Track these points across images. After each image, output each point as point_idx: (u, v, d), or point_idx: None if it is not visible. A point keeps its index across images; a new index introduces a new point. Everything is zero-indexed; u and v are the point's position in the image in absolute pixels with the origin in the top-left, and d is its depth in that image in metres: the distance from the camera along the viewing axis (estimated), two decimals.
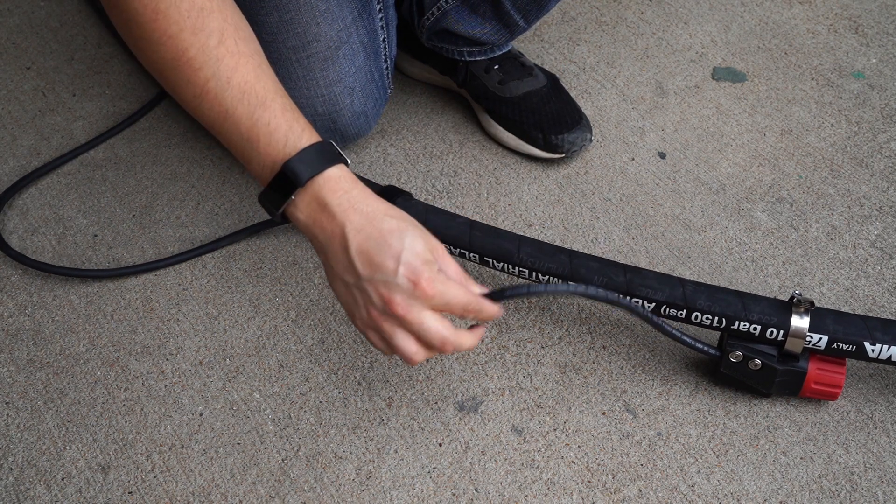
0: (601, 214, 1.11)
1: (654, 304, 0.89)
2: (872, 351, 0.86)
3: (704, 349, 0.89)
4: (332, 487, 0.89)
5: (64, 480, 0.90)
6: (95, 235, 1.11)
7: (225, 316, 1.03)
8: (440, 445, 0.92)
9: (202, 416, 0.94)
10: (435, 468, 0.90)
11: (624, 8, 1.38)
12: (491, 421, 0.93)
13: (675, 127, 1.21)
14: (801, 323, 0.86)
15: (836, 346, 0.86)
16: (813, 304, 0.87)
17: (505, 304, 1.02)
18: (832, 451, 0.90)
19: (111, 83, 1.29)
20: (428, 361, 0.97)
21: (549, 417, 0.93)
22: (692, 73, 1.28)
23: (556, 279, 0.92)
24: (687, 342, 0.88)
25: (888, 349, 0.86)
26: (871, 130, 1.19)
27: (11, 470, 0.91)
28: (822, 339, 0.86)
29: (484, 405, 0.94)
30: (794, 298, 0.88)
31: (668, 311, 0.89)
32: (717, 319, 0.88)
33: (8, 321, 1.03)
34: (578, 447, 0.91)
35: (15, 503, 0.88)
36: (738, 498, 0.87)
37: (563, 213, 1.12)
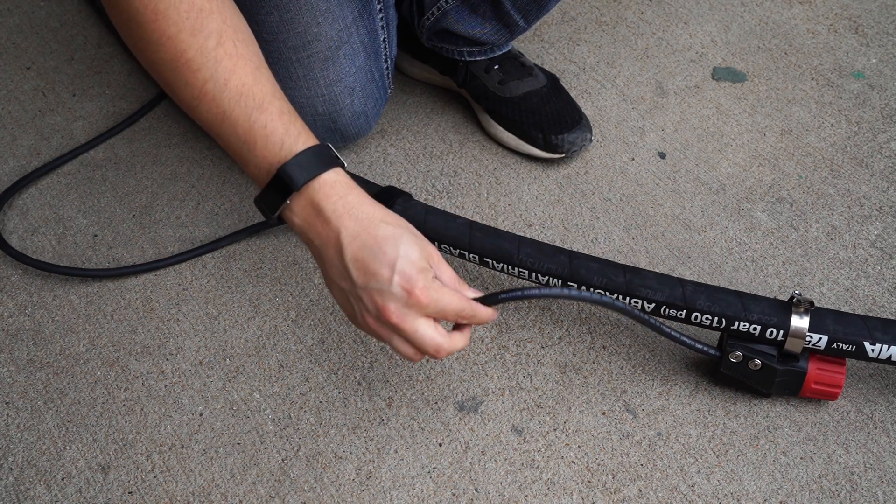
0: (601, 214, 1.11)
1: (653, 304, 0.89)
2: (872, 351, 0.86)
3: (704, 349, 0.89)
4: (332, 487, 0.89)
5: (64, 480, 0.90)
6: (95, 235, 1.11)
7: (225, 316, 1.03)
8: (440, 445, 0.92)
9: (202, 416, 0.94)
10: (435, 468, 0.90)
11: (624, 8, 1.38)
12: (491, 421, 0.93)
13: (675, 127, 1.21)
14: (800, 323, 0.86)
15: (836, 346, 0.86)
16: (813, 304, 0.87)
17: (502, 305, 1.02)
18: (832, 451, 0.90)
19: (111, 83, 1.29)
20: (428, 361, 0.97)
21: (549, 417, 0.93)
22: (692, 73, 1.28)
23: (555, 280, 0.92)
24: (686, 342, 0.88)
25: (888, 349, 0.86)
26: (871, 130, 1.19)
27: (11, 470, 0.91)
28: (821, 339, 0.86)
29: (484, 405, 0.94)
30: (793, 298, 0.88)
31: (667, 311, 0.89)
32: (716, 320, 0.88)
33: (8, 321, 1.03)
34: (578, 447, 0.91)
35: (15, 503, 0.88)
36: (738, 498, 0.87)
37: (563, 213, 1.12)
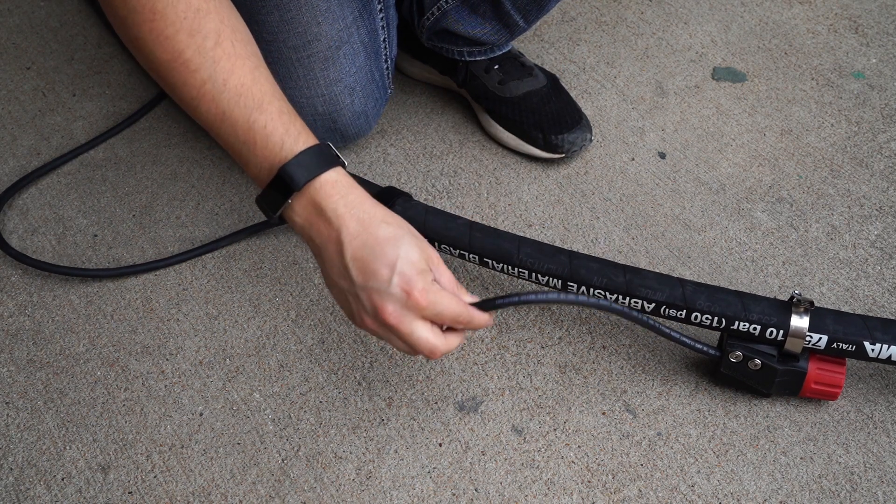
0: (601, 214, 1.11)
1: (653, 304, 0.89)
2: (872, 351, 0.86)
3: (704, 349, 0.89)
4: (332, 487, 0.89)
5: (64, 480, 0.90)
6: (95, 235, 1.11)
7: (225, 316, 1.03)
8: (440, 445, 0.92)
9: (202, 416, 0.94)
10: (435, 468, 0.90)
11: (624, 8, 1.38)
12: (491, 421, 0.93)
13: (675, 127, 1.21)
14: (800, 323, 0.86)
15: (835, 345, 0.86)
16: (813, 303, 0.87)
17: (497, 312, 1.02)
18: (832, 451, 0.90)
19: (111, 83, 1.29)
20: (427, 360, 0.97)
21: (549, 417, 0.93)
22: (692, 73, 1.28)
23: (555, 280, 0.92)
24: (686, 343, 0.88)
25: (888, 349, 0.86)
26: (871, 130, 1.19)
27: (11, 470, 0.91)
28: (821, 338, 0.86)
29: (484, 405, 0.94)
30: (793, 298, 0.88)
31: (667, 311, 0.89)
32: (716, 320, 0.88)
33: (8, 321, 1.03)
34: (578, 447, 0.91)
35: (15, 503, 0.88)
36: (738, 498, 0.87)
37: (563, 213, 1.12)
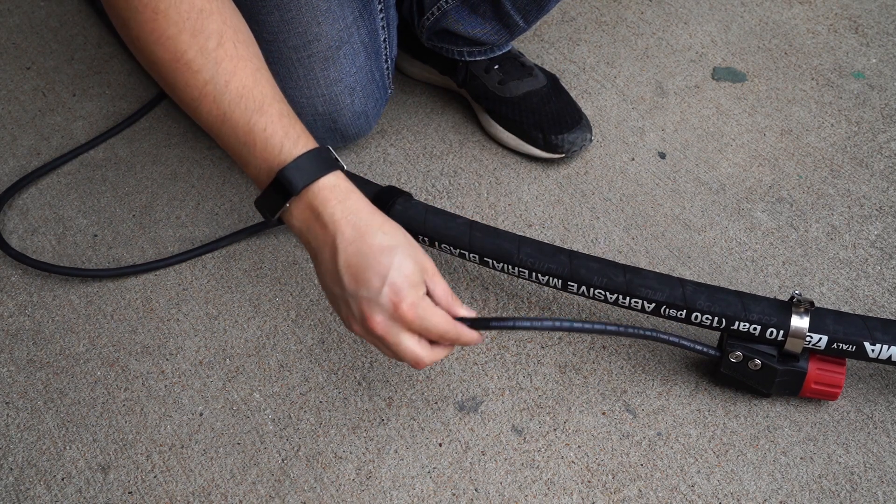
0: (601, 214, 1.11)
1: (654, 304, 0.89)
2: (872, 351, 0.86)
3: (704, 350, 0.89)
4: (332, 487, 0.89)
5: (64, 480, 0.90)
6: (95, 235, 1.11)
7: (225, 316, 1.03)
8: (440, 445, 0.92)
9: (202, 416, 0.94)
10: (435, 468, 0.90)
11: (624, 8, 1.38)
12: (491, 421, 0.93)
13: (675, 127, 1.21)
14: (800, 323, 0.86)
15: (836, 346, 0.86)
16: (813, 304, 0.87)
17: (499, 307, 1.02)
18: (832, 451, 0.90)
19: (111, 83, 1.29)
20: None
21: (549, 417, 0.93)
22: (692, 73, 1.28)
23: (555, 279, 0.92)
24: (686, 346, 0.88)
25: (888, 349, 0.86)
26: (871, 130, 1.19)
27: (11, 470, 0.91)
28: (822, 339, 0.86)
29: (484, 405, 0.94)
30: (794, 298, 0.88)
31: (668, 311, 0.89)
32: (717, 320, 0.88)
33: (8, 321, 1.03)
34: (578, 447, 0.91)
35: (15, 503, 0.88)
36: (738, 498, 0.87)
37: (563, 213, 1.12)
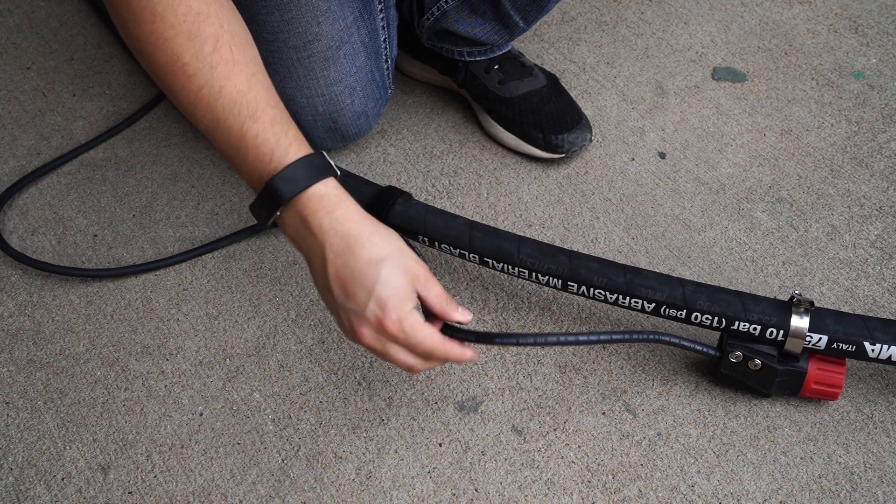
0: (601, 214, 1.11)
1: (654, 304, 0.89)
2: (872, 351, 0.86)
3: (704, 350, 0.89)
4: (332, 487, 0.89)
5: (64, 480, 0.90)
6: (95, 235, 1.11)
7: (225, 316, 1.03)
8: (440, 445, 0.92)
9: (202, 416, 0.94)
10: (435, 468, 0.90)
11: (624, 8, 1.37)
12: (491, 421, 0.93)
13: (675, 127, 1.21)
14: (800, 323, 0.86)
15: (836, 346, 0.86)
16: (813, 304, 0.87)
17: (500, 305, 1.02)
18: (832, 451, 0.90)
19: (111, 83, 1.29)
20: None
21: (549, 417, 0.93)
22: (692, 73, 1.28)
23: (555, 279, 0.92)
24: (686, 346, 0.88)
25: (888, 349, 0.86)
26: (871, 130, 1.19)
27: (11, 470, 0.91)
28: (821, 339, 0.86)
29: (484, 405, 0.94)
30: (793, 298, 0.88)
31: (668, 311, 0.89)
32: (716, 320, 0.88)
33: (8, 321, 1.03)
34: (578, 447, 0.91)
35: (15, 503, 0.88)
36: (738, 498, 0.87)
37: (563, 213, 1.12)
